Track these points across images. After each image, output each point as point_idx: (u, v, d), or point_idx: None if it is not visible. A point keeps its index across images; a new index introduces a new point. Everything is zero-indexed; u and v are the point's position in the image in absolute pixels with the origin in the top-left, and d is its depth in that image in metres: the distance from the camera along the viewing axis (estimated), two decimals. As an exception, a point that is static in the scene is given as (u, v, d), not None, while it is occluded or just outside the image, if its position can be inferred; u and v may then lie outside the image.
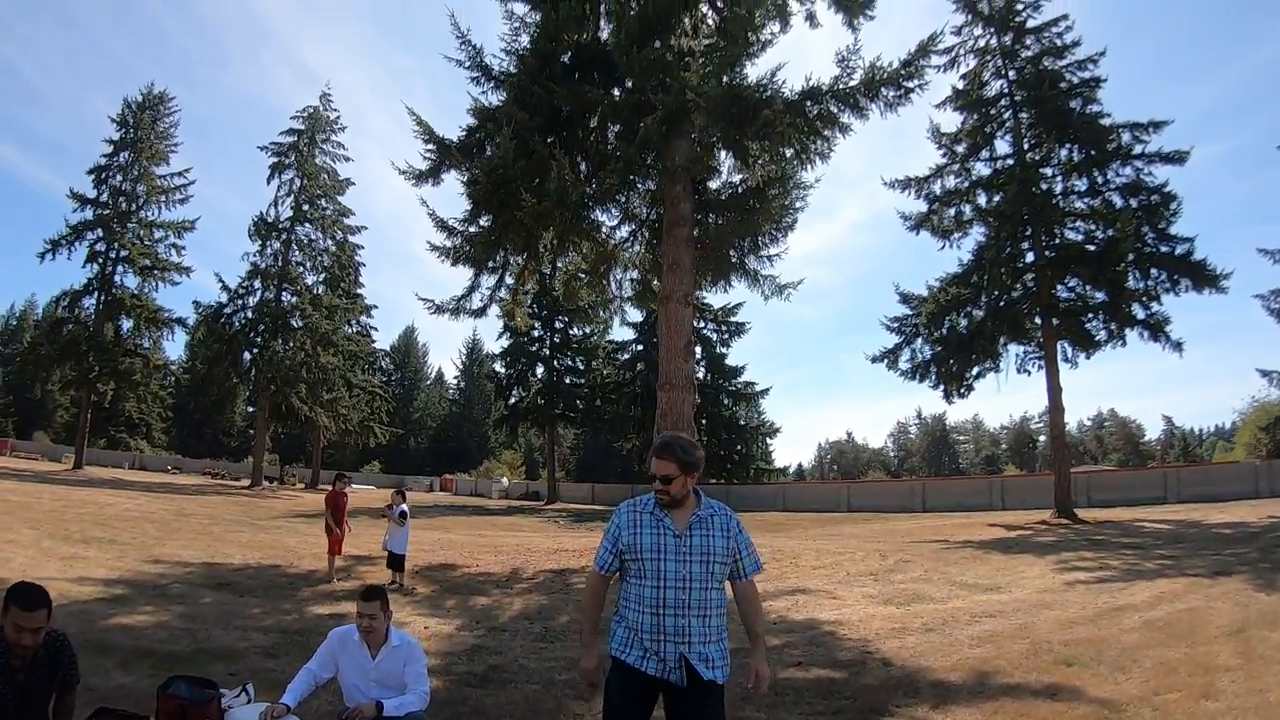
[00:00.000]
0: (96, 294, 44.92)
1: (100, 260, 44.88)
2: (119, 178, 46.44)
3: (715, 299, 47.70)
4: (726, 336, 50.98)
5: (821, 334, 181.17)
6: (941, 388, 27.83)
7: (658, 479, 3.35)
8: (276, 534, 19.80)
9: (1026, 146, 26.89)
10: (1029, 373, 27.49)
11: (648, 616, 3.28)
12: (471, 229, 17.94)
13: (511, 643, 8.29)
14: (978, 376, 27.51)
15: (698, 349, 49.40)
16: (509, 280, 19.89)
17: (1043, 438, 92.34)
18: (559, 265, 21.76)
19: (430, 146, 17.17)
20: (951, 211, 27.71)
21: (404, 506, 13.08)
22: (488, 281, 19.35)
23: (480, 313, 19.75)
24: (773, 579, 13.01)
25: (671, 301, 16.27)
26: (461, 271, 18.66)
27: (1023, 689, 6.15)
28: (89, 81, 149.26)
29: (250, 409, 53.88)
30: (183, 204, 47.94)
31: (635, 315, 46.70)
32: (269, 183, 47.21)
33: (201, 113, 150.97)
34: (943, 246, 28.16)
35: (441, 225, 18.34)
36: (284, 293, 46.06)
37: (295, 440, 62.43)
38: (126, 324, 45.71)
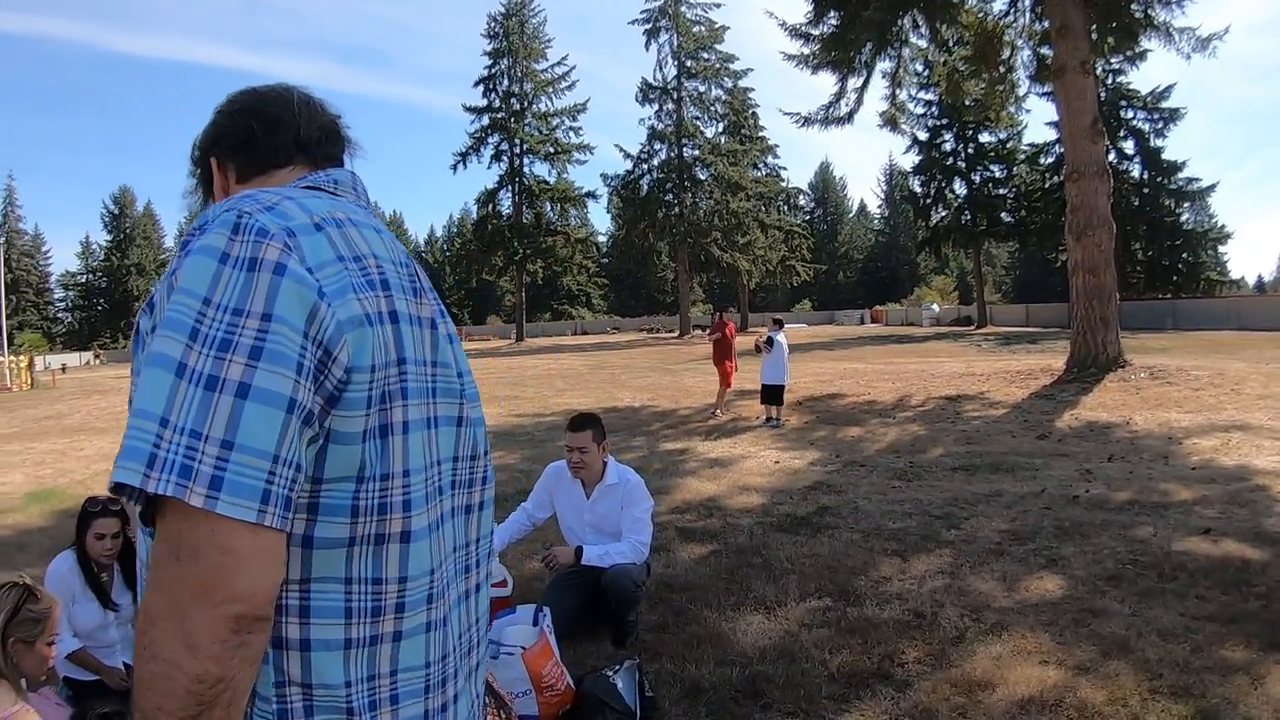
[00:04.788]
0: (510, 186, 51.26)
1: (506, 157, 50.93)
2: (504, 82, 51.62)
3: (1140, 81, 39.16)
4: (1160, 126, 41.40)
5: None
6: None
7: None
8: (679, 376, 20.92)
9: None
10: None
11: None
12: (822, 31, 16.58)
13: (861, 480, 7.54)
14: None
15: (1129, 143, 41.91)
16: (883, 84, 18.52)
17: None
18: (945, 59, 19.22)
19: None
20: None
21: (776, 334, 12.23)
22: (854, 84, 17.98)
23: (848, 119, 18.65)
24: (1205, 409, 10.53)
25: (1067, 72, 13.69)
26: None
27: None
28: (471, 18, 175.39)
29: (673, 264, 57.12)
30: (570, 90, 52.49)
31: (1044, 113, 40.57)
32: (647, 49, 49.69)
33: (576, 6, 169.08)
34: None
35: (791, 30, 17.29)
36: (684, 148, 47.97)
37: (726, 288, 65.20)
38: (548, 208, 51.47)
